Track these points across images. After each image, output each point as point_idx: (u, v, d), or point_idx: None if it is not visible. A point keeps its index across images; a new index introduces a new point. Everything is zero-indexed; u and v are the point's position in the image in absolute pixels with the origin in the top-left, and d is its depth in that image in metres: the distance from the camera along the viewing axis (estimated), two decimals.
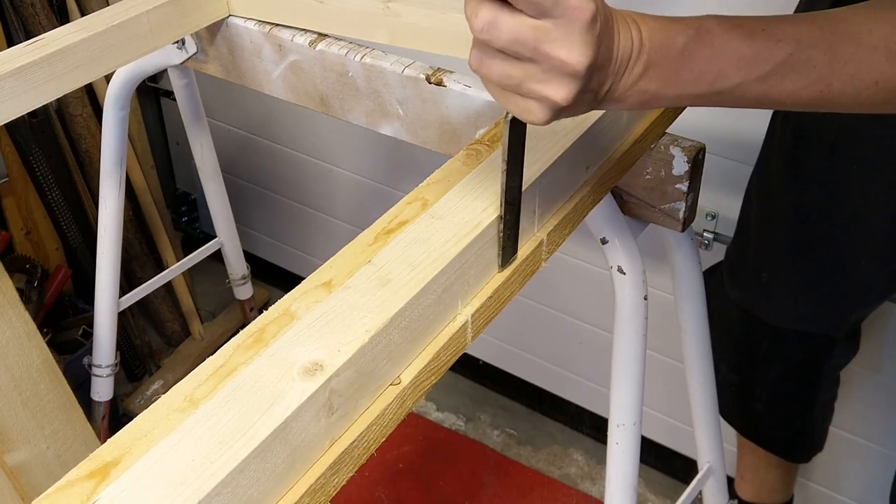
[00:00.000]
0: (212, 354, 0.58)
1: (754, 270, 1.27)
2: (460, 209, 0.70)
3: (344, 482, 0.59)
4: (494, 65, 0.56)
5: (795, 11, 1.15)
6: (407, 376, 0.63)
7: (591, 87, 0.58)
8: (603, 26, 0.56)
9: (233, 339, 0.59)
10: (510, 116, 0.64)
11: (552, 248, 0.78)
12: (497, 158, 0.75)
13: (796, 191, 1.19)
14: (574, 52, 0.55)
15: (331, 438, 0.58)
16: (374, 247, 0.66)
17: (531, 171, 0.72)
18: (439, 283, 0.64)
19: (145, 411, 0.54)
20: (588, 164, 0.81)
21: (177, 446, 0.51)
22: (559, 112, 0.58)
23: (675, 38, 0.60)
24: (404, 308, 0.61)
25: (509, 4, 0.55)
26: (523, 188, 0.69)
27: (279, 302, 0.62)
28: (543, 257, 0.77)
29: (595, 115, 0.79)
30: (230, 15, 1.08)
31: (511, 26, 0.55)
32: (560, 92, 0.56)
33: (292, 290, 0.63)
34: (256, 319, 0.61)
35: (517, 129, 0.66)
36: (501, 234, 0.70)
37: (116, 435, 0.53)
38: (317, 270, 0.64)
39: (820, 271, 1.22)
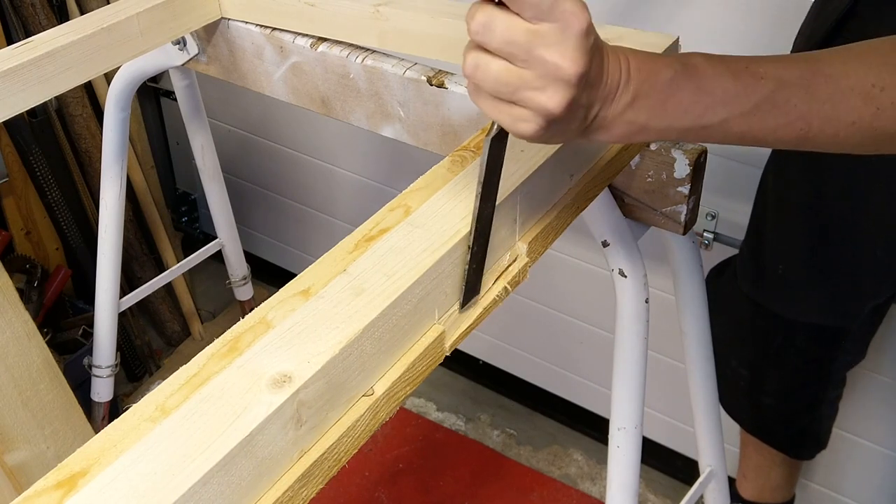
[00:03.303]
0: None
1: (770, 263, 1.28)
2: (439, 217, 0.69)
3: (314, 494, 0.58)
4: (489, 69, 0.56)
5: (796, 39, 1.16)
6: (380, 387, 0.62)
7: (582, 104, 0.58)
8: (596, 43, 0.57)
9: (208, 347, 0.58)
10: (491, 134, 0.62)
11: (535, 258, 0.77)
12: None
13: (813, 183, 1.20)
14: (568, 58, 0.55)
15: (300, 451, 0.57)
16: (353, 254, 0.66)
17: (513, 178, 0.72)
18: (414, 293, 0.63)
19: (117, 420, 0.54)
20: (572, 172, 0.80)
21: (141, 458, 0.51)
22: (550, 125, 0.58)
23: (662, 72, 0.61)
24: (377, 318, 0.60)
25: (507, 7, 0.55)
26: (497, 202, 0.67)
27: (257, 309, 0.61)
28: (527, 268, 0.76)
29: None
30: (222, 17, 1.08)
31: (506, 27, 0.55)
32: (553, 99, 0.56)
33: (270, 298, 0.62)
34: (234, 327, 0.60)
35: (497, 149, 0.63)
36: (467, 268, 0.67)
37: (87, 443, 0.52)
38: (296, 277, 0.64)
39: (835, 263, 1.23)
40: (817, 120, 0.62)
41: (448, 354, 0.70)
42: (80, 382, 1.60)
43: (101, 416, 1.58)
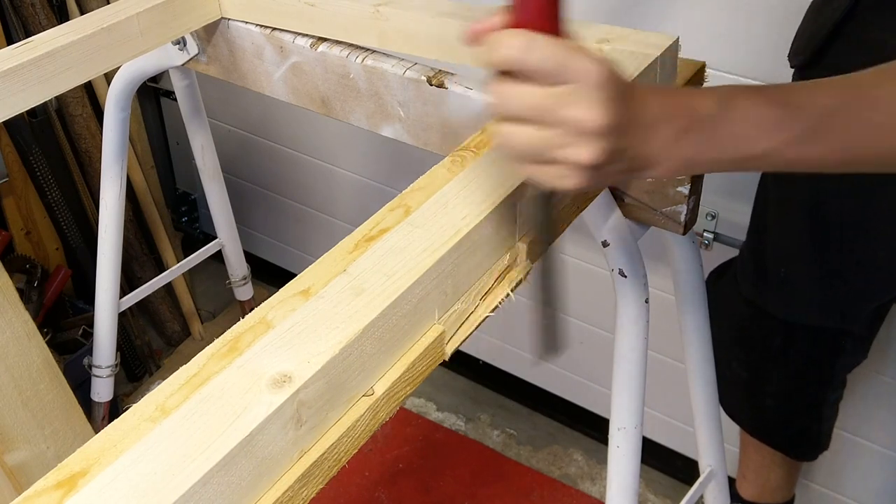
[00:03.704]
0: None
1: (771, 265, 1.28)
2: (439, 217, 0.69)
3: (314, 494, 0.58)
4: (519, 138, 0.58)
5: (794, 41, 1.16)
6: (381, 387, 0.62)
7: (619, 148, 0.59)
8: (619, 90, 0.58)
9: (208, 347, 0.59)
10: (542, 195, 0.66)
11: (534, 258, 0.77)
12: (479, 166, 0.75)
13: (814, 185, 1.19)
14: (589, 112, 0.57)
15: (300, 451, 0.57)
16: (353, 254, 0.66)
17: (513, 179, 0.72)
18: (414, 293, 0.63)
19: (117, 420, 0.54)
20: None
21: (141, 458, 0.51)
22: (591, 174, 0.59)
23: (702, 106, 0.61)
24: (377, 319, 0.60)
25: (523, 78, 0.57)
26: (496, 203, 0.69)
27: (257, 309, 0.61)
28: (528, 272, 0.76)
29: None
30: (222, 17, 1.08)
31: (525, 95, 0.57)
32: (584, 153, 0.58)
33: (270, 298, 0.62)
34: (234, 327, 0.60)
35: (547, 204, 0.67)
36: (544, 328, 0.71)
37: (87, 443, 0.52)
38: (296, 277, 0.64)
39: (837, 265, 1.22)
40: (864, 145, 0.62)
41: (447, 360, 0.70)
42: (80, 382, 1.60)
43: (101, 416, 1.58)
